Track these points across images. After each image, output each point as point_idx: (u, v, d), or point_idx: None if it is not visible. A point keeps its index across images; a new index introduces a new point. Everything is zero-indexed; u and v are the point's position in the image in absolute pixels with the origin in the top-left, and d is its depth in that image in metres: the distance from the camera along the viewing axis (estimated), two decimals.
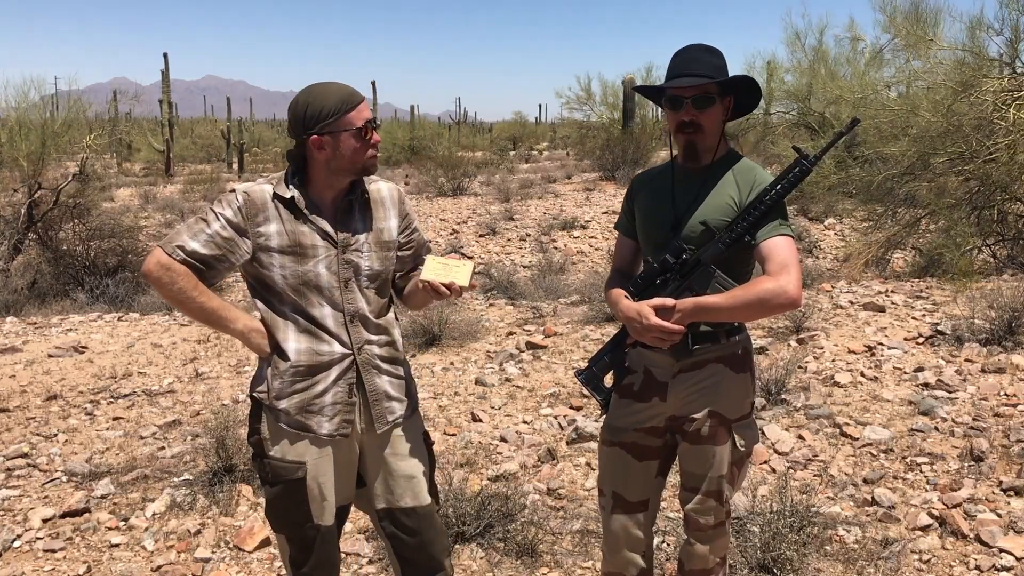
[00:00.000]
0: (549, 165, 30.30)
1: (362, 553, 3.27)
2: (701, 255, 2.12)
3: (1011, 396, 4.35)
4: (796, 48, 15.81)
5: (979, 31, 7.92)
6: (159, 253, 2.01)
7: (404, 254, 2.26)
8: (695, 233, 2.15)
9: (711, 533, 2.27)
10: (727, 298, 2.05)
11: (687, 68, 2.14)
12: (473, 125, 63.74)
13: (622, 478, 2.34)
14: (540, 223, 14.74)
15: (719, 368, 2.21)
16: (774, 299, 2.01)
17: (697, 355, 2.20)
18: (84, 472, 4.04)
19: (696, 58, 2.16)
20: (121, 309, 8.60)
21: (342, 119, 2.01)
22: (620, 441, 2.33)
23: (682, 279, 2.14)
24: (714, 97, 2.14)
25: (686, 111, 2.14)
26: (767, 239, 2.07)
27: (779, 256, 2.05)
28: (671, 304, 2.08)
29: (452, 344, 6.18)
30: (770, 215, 2.08)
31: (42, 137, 11.07)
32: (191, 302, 2.03)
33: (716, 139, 2.19)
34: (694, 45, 2.20)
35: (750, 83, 2.18)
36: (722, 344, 2.20)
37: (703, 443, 2.21)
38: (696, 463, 2.24)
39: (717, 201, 2.16)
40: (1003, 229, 8.27)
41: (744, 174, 2.18)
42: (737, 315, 2.12)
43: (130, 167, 30.52)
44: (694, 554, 2.30)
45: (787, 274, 2.02)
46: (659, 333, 2.08)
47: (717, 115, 2.16)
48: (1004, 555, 3.04)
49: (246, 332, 2.08)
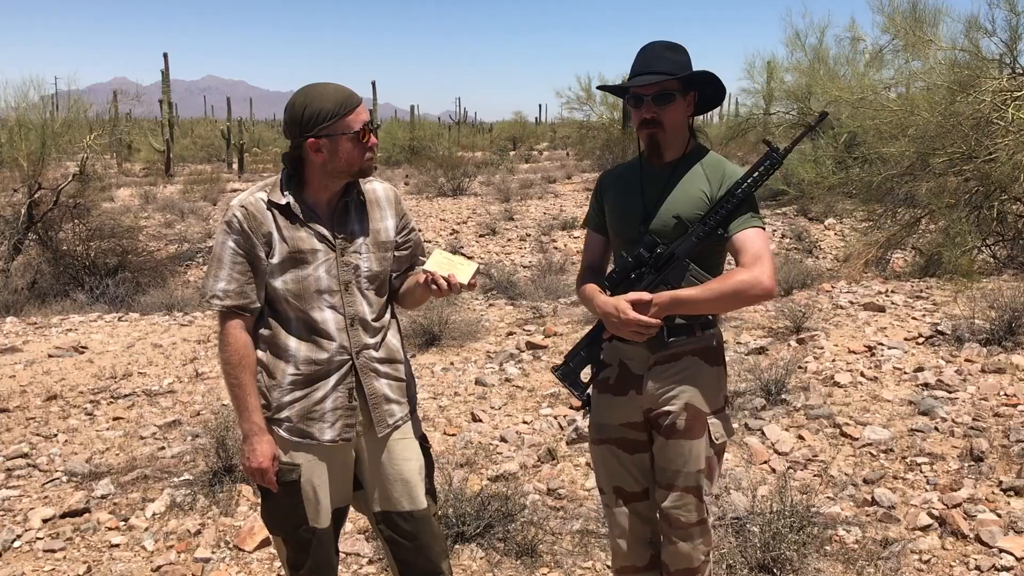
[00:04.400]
0: (549, 165, 30.31)
1: (362, 553, 3.27)
2: (675, 249, 2.16)
3: (1011, 396, 4.35)
4: (796, 48, 15.82)
5: (976, 32, 7.92)
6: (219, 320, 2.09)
7: (401, 254, 2.26)
8: (668, 227, 2.18)
9: (692, 531, 2.24)
10: (703, 290, 2.10)
11: (648, 66, 2.18)
12: (473, 125, 63.72)
13: (619, 473, 2.37)
14: (540, 223, 14.75)
15: (694, 360, 2.24)
16: (749, 290, 2.07)
17: (672, 347, 2.23)
18: (84, 472, 4.04)
19: (658, 55, 2.19)
20: (121, 309, 8.60)
21: (340, 122, 2.00)
22: (608, 438, 2.37)
23: (657, 273, 2.17)
24: (674, 94, 2.17)
25: (647, 108, 2.18)
26: (740, 231, 2.12)
27: (752, 248, 2.10)
28: (648, 298, 2.12)
29: (452, 344, 6.18)
30: (742, 208, 2.13)
31: (42, 137, 11.07)
32: (228, 375, 2.08)
33: (681, 134, 2.23)
34: (657, 42, 2.23)
35: (711, 77, 2.21)
36: (697, 337, 2.24)
37: (679, 436, 2.21)
38: (672, 458, 2.22)
39: (688, 195, 2.19)
40: (1003, 229, 8.27)
41: (713, 168, 2.22)
42: (713, 307, 2.17)
43: (130, 167, 30.49)
44: (678, 553, 2.27)
45: (761, 265, 2.07)
46: (637, 327, 2.12)
47: (679, 111, 2.19)
48: (1004, 555, 3.04)
49: (249, 435, 2.08)
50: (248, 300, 2.06)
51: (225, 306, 2.05)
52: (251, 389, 2.07)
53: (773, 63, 18.01)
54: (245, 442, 2.08)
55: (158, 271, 11.28)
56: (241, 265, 2.04)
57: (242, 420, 2.08)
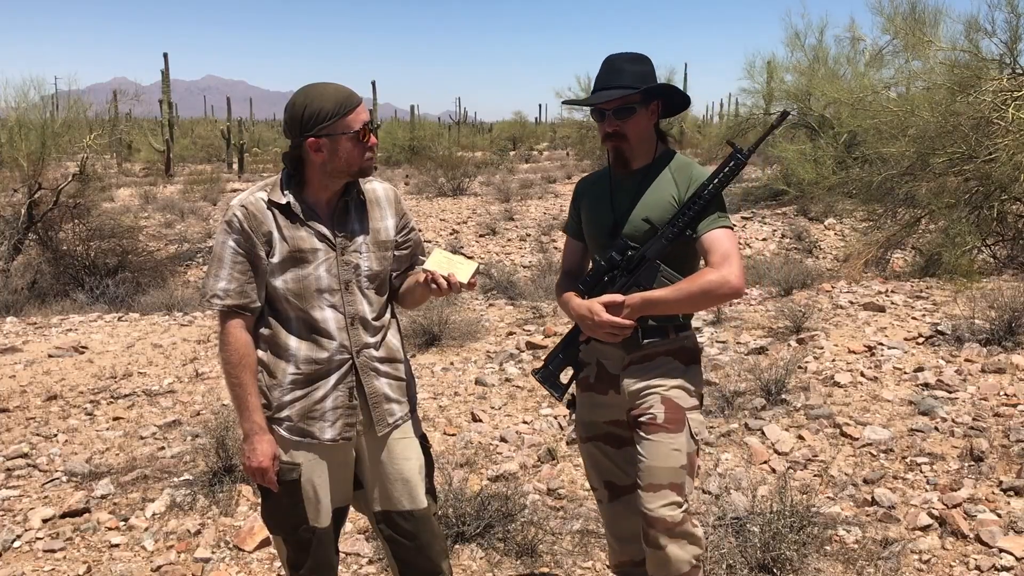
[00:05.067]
0: (549, 165, 30.31)
1: (362, 553, 3.27)
2: (646, 251, 2.20)
3: (1011, 396, 4.35)
4: (796, 48, 15.83)
5: (976, 32, 7.93)
6: (220, 320, 2.09)
7: (401, 253, 2.26)
8: (640, 231, 2.23)
9: (680, 531, 2.18)
10: (673, 291, 2.14)
11: (609, 81, 2.23)
12: (473, 125, 63.70)
13: (608, 467, 2.42)
14: (540, 223, 14.75)
15: (668, 359, 2.27)
16: (718, 289, 2.12)
17: (647, 348, 2.26)
18: (84, 472, 4.04)
19: (619, 69, 2.24)
20: (121, 309, 8.60)
21: (340, 122, 2.00)
22: (595, 436, 2.41)
23: (629, 275, 2.22)
24: (635, 106, 2.21)
25: (609, 122, 2.22)
26: (708, 232, 2.17)
27: (721, 248, 2.14)
28: (620, 300, 2.17)
29: (452, 344, 6.18)
30: (709, 208, 2.17)
31: (42, 137, 11.08)
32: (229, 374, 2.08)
33: (647, 143, 2.28)
34: (618, 55, 2.28)
35: (670, 90, 2.27)
36: (670, 339, 2.27)
37: (659, 430, 2.20)
38: (655, 455, 2.18)
39: (658, 199, 2.23)
40: (1003, 229, 8.28)
41: (681, 171, 2.26)
42: (684, 307, 2.21)
43: (130, 167, 30.49)
44: (667, 560, 2.17)
45: (729, 265, 2.12)
46: (610, 328, 2.17)
47: (642, 121, 2.24)
48: (1004, 555, 3.04)
49: (250, 434, 2.08)
50: (248, 300, 2.06)
51: (226, 305, 2.05)
52: (251, 389, 2.07)
53: (773, 63, 18.02)
54: (245, 441, 2.08)
55: (158, 271, 11.29)
56: (241, 265, 2.04)
57: (242, 420, 2.08)
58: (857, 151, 9.74)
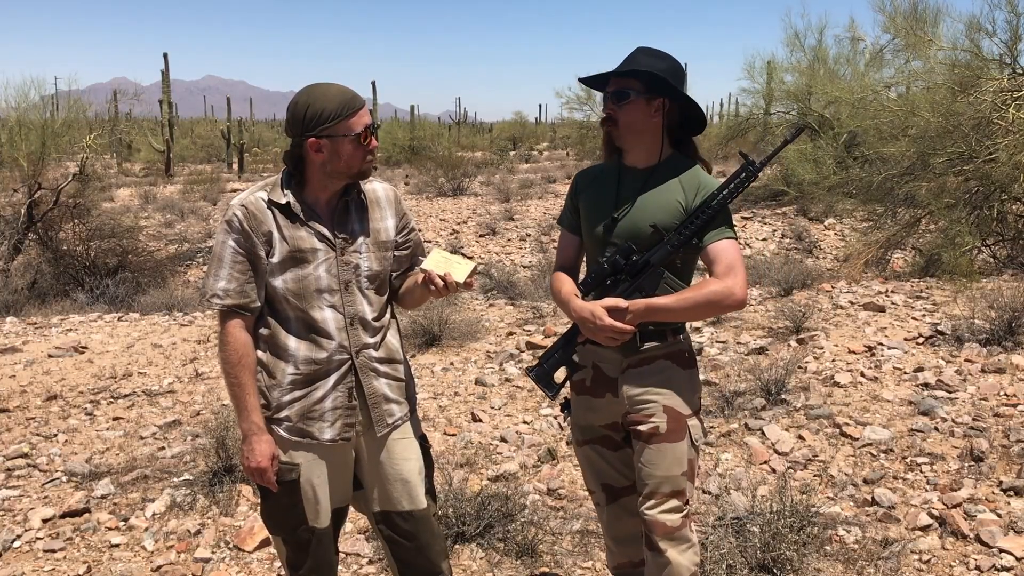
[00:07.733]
0: (549, 165, 30.30)
1: (362, 553, 3.27)
2: (650, 257, 2.19)
3: (1011, 396, 4.35)
4: (796, 48, 15.82)
5: (976, 32, 7.92)
6: (220, 320, 2.08)
7: (401, 254, 2.26)
8: (644, 235, 2.20)
9: (679, 535, 2.19)
10: (677, 299, 2.13)
11: (620, 67, 2.22)
12: (473, 125, 63.71)
13: (605, 470, 2.41)
14: (540, 223, 14.75)
15: (667, 364, 2.26)
16: (722, 300, 2.11)
17: (645, 352, 2.25)
18: (84, 472, 4.04)
19: (634, 58, 2.23)
20: (121, 309, 8.60)
21: (341, 124, 2.00)
22: (591, 439, 2.41)
23: (632, 280, 2.20)
24: (630, 92, 2.18)
25: (607, 105, 2.23)
26: (714, 243, 2.16)
27: (726, 259, 2.14)
28: (624, 305, 2.15)
29: (452, 344, 6.18)
30: (716, 219, 2.16)
31: (42, 137, 11.08)
32: (228, 374, 2.07)
33: (642, 139, 2.24)
34: (644, 48, 2.26)
35: (670, 89, 2.17)
36: (668, 343, 2.27)
37: (661, 440, 2.19)
38: (656, 463, 2.19)
39: (664, 203, 2.21)
40: (1003, 229, 8.27)
41: (689, 179, 2.24)
42: (687, 315, 2.21)
43: (130, 167, 30.49)
44: (668, 563, 2.17)
45: (733, 276, 2.11)
46: (612, 333, 2.15)
47: (636, 111, 2.20)
48: (1004, 555, 3.04)
49: (249, 434, 2.07)
50: (248, 299, 2.06)
51: (225, 305, 2.05)
52: (251, 389, 2.07)
53: (773, 63, 18.01)
54: (244, 442, 2.08)
55: (158, 271, 11.29)
56: (241, 264, 2.04)
57: (241, 420, 2.08)
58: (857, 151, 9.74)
